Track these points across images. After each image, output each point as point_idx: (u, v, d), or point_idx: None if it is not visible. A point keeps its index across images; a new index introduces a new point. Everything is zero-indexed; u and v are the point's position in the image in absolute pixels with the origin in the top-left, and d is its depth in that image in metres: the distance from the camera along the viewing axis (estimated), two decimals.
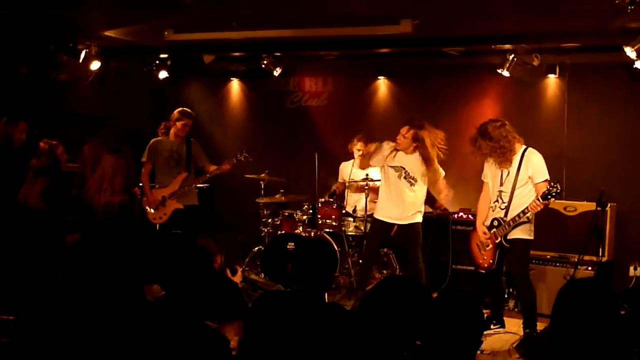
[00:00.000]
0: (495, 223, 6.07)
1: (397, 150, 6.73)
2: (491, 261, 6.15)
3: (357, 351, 3.03)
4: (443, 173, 6.85)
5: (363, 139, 7.80)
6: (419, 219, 6.79)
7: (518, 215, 5.88)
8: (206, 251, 3.62)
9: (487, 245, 6.15)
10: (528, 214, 5.87)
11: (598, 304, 2.71)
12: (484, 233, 6.15)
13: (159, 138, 7.49)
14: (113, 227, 6.05)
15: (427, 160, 6.61)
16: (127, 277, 6.13)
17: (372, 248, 6.96)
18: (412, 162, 6.69)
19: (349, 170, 8.00)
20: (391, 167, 6.77)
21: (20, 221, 6.16)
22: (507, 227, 5.97)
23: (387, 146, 6.81)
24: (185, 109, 7.50)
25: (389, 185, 6.76)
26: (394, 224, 6.80)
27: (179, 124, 7.37)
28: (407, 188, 6.69)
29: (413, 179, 6.66)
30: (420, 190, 6.75)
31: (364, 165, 7.32)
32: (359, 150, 7.81)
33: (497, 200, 6.11)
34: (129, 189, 6.14)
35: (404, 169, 6.67)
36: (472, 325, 2.82)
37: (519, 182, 5.96)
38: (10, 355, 3.54)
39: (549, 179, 5.85)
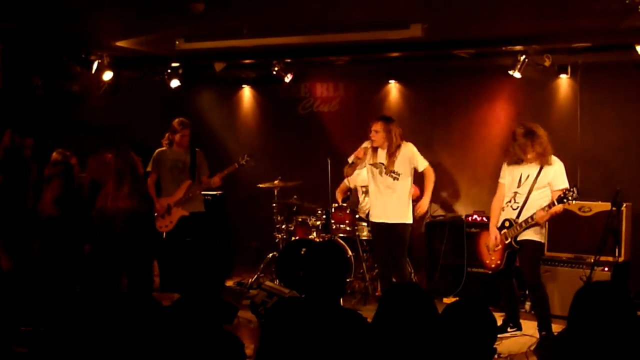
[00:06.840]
0: (507, 224, 6.04)
1: (374, 148, 6.67)
2: (499, 262, 6.13)
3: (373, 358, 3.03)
4: (426, 163, 6.70)
5: None
6: (405, 219, 6.65)
7: (531, 217, 5.87)
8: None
9: (497, 246, 6.13)
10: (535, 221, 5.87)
11: (615, 305, 2.71)
12: (495, 238, 6.12)
13: (163, 148, 7.53)
14: (122, 232, 6.06)
15: (390, 149, 6.56)
16: (139, 282, 6.18)
17: (379, 253, 6.84)
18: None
19: (361, 174, 7.99)
20: (370, 165, 6.72)
21: (39, 231, 6.21)
22: (518, 228, 5.95)
23: (366, 149, 6.74)
24: (182, 119, 7.51)
25: (376, 184, 6.71)
26: (390, 224, 6.66)
27: (177, 136, 7.42)
28: (390, 183, 6.61)
29: (395, 172, 6.62)
30: (403, 186, 6.63)
31: (349, 173, 6.98)
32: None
33: (510, 201, 6.08)
34: (138, 191, 6.14)
35: (383, 164, 6.64)
36: (484, 332, 2.81)
37: (537, 186, 5.93)
38: None
39: (567, 187, 5.83)
